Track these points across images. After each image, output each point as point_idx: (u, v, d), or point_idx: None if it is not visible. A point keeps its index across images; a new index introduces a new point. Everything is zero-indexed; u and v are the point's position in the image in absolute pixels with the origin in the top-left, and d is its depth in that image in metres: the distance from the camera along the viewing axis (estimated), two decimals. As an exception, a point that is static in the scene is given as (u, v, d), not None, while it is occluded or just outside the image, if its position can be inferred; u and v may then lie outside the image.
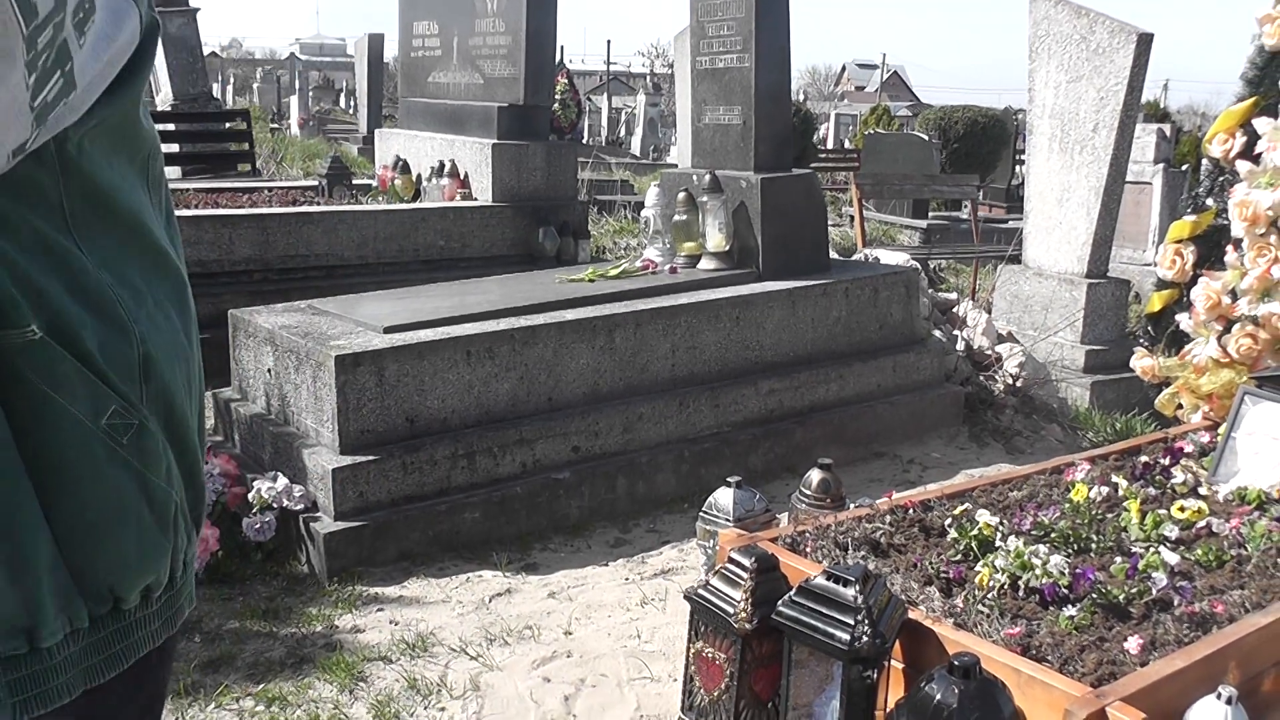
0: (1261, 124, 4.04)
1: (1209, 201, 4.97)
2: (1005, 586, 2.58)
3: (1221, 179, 4.85)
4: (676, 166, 11.33)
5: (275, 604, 3.91)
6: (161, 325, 1.20)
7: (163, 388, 1.20)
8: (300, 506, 4.21)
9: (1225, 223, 4.33)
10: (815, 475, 3.36)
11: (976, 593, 2.54)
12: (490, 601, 3.91)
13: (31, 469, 1.09)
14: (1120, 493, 3.26)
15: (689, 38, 6.04)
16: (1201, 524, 3.03)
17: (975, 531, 2.82)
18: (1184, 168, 11.88)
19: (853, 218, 11.43)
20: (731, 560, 2.55)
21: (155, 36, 1.16)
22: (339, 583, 4.01)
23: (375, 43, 18.81)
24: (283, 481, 4.24)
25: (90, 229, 1.13)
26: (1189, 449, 3.70)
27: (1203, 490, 3.36)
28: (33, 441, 1.09)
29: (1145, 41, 6.83)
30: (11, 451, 1.07)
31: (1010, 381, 6.24)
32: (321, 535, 4.08)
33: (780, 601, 2.37)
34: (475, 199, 7.49)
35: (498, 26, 7.62)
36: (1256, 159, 4.07)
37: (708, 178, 5.48)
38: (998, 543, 2.78)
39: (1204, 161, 4.80)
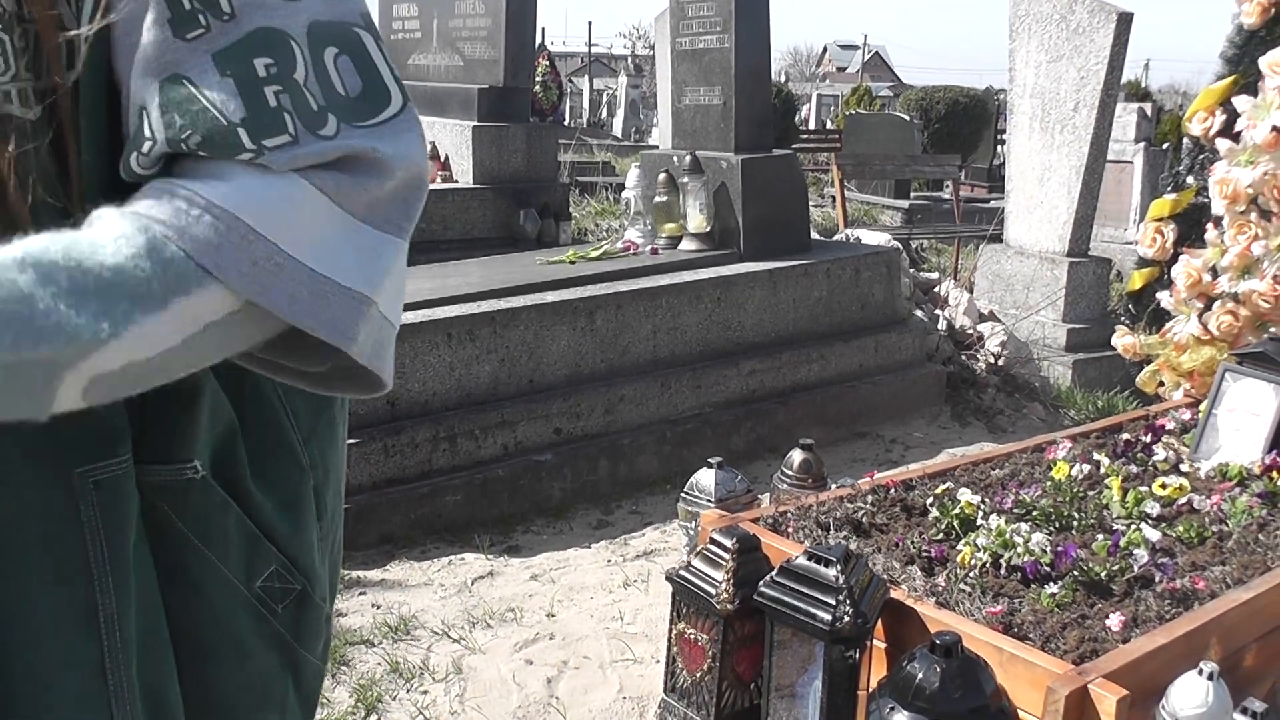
0: (1241, 102, 4.04)
1: (1189, 180, 4.98)
2: (987, 565, 2.58)
3: (1202, 157, 4.86)
4: (658, 148, 11.31)
5: (255, 588, 3.89)
6: (338, 451, 1.04)
7: (337, 540, 1.02)
8: (281, 490, 4.19)
9: (1205, 200, 4.35)
10: (797, 455, 3.35)
11: (958, 571, 2.55)
12: (472, 584, 3.90)
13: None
14: (1102, 470, 3.27)
15: (669, 19, 6.02)
16: (1183, 501, 3.04)
17: (957, 510, 2.82)
18: (1165, 146, 11.89)
19: (834, 198, 11.42)
20: (713, 541, 2.55)
21: None
22: (321, 566, 3.99)
23: (355, 24, 18.72)
24: (263, 465, 4.21)
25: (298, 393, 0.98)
26: (1170, 426, 3.72)
27: (1184, 467, 3.37)
28: (168, 601, 0.90)
29: (1125, 21, 6.82)
30: (160, 614, 0.89)
31: (992, 360, 6.25)
32: (303, 519, 4.06)
33: (762, 582, 2.37)
34: (456, 181, 7.46)
35: (477, 8, 7.59)
36: (1236, 137, 4.07)
37: (688, 159, 5.47)
38: (979, 521, 2.79)
39: (1184, 140, 4.81)
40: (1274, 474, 3.18)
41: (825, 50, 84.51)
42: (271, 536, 0.92)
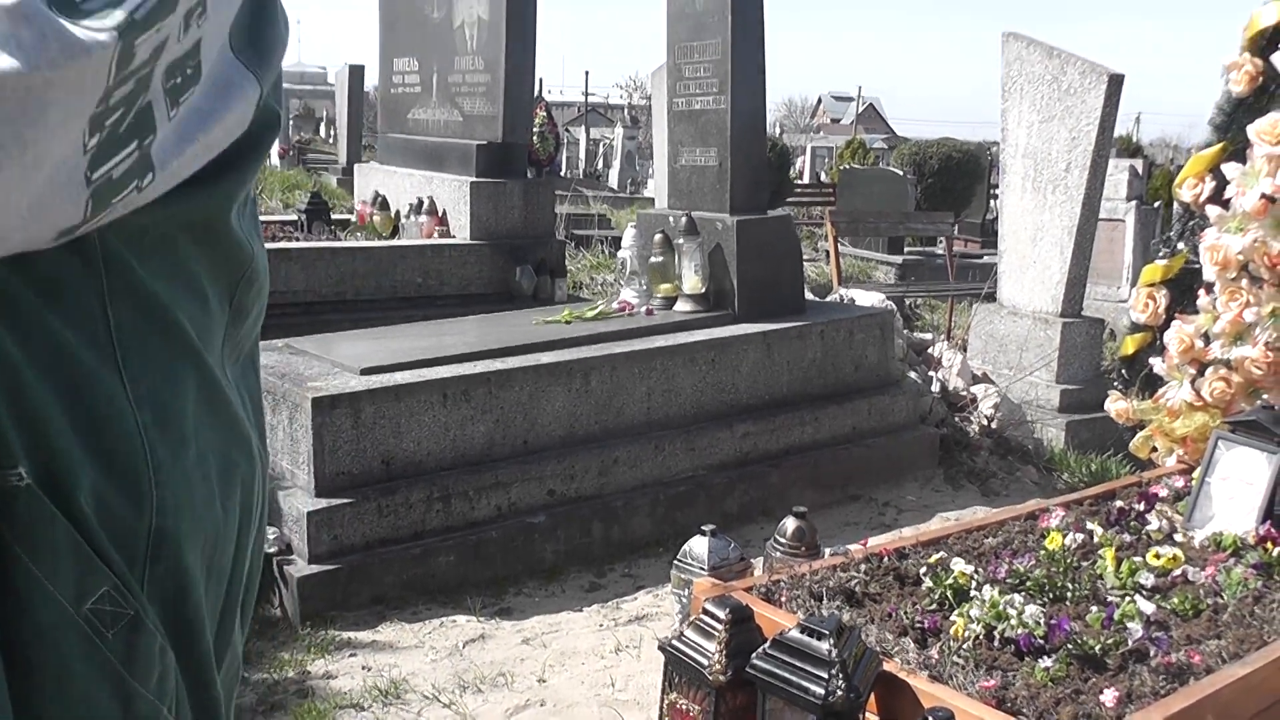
0: (1230, 169, 4.07)
1: (1180, 245, 5.00)
2: (980, 637, 2.57)
3: (1192, 223, 4.88)
4: (653, 200, 11.37)
5: (247, 649, 3.83)
6: (196, 490, 0.91)
7: (176, 572, 0.90)
8: (274, 549, 4.18)
9: (1197, 266, 4.35)
10: (790, 523, 3.35)
11: (951, 643, 2.54)
12: (464, 647, 3.89)
13: None
14: (1095, 539, 3.26)
15: (665, 78, 6.06)
16: (1177, 571, 3.03)
17: (950, 580, 2.81)
18: (1156, 204, 11.97)
19: (828, 253, 11.47)
20: (706, 611, 2.54)
21: (272, 129, 0.92)
22: (312, 627, 3.99)
23: (355, 74, 18.80)
24: (256, 525, 4.21)
25: (138, 350, 0.86)
26: (1164, 493, 3.71)
27: (1178, 536, 3.36)
28: None
29: (1116, 82, 6.88)
30: None
31: (985, 423, 6.26)
32: (295, 579, 4.05)
33: (754, 654, 2.36)
34: (453, 236, 7.49)
35: (477, 64, 7.64)
36: (1226, 203, 4.09)
37: (684, 220, 5.49)
38: (973, 592, 2.78)
39: (1175, 205, 4.84)
40: (1269, 545, 3.18)
41: (820, 101, 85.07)
42: (104, 555, 0.83)
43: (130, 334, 0.85)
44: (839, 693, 2.20)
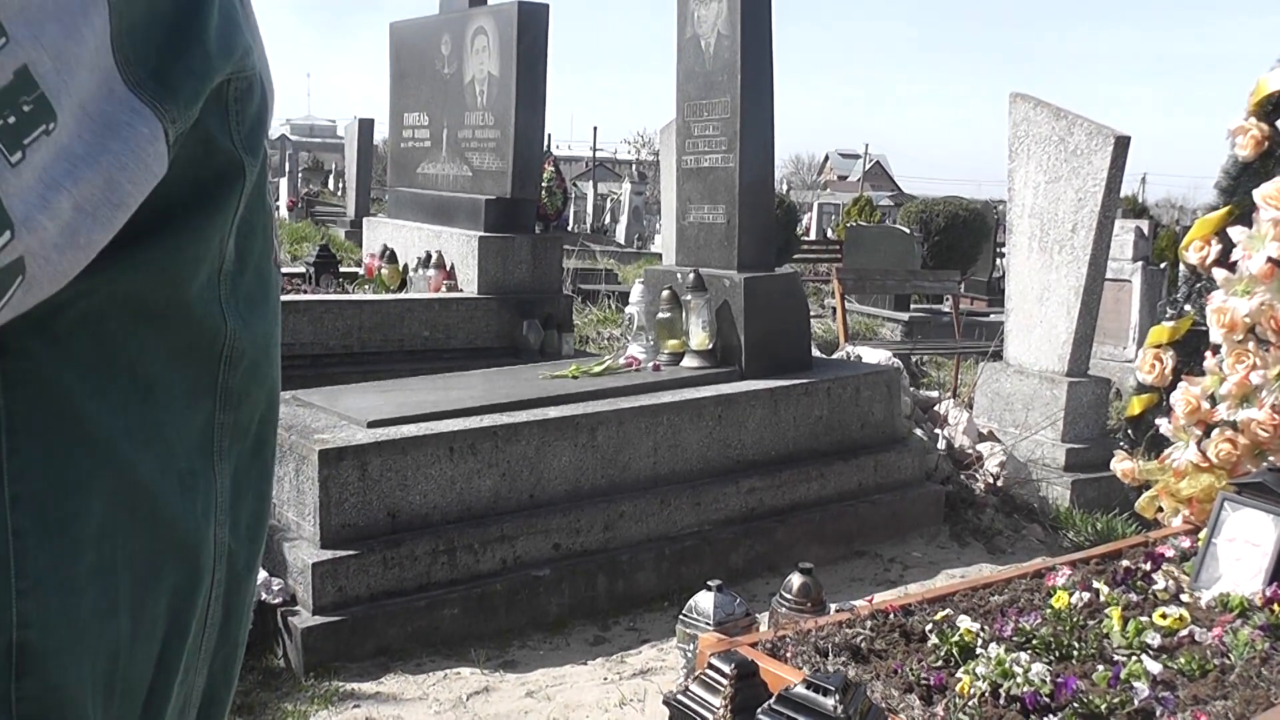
0: (1236, 232, 4.10)
1: (1187, 307, 5.02)
2: (986, 694, 2.57)
3: (1199, 285, 4.90)
4: (660, 256, 11.42)
5: (250, 699, 3.87)
6: (84, 600, 0.77)
7: (48, 690, 0.76)
8: (279, 600, 4.18)
9: (1204, 328, 4.38)
10: (796, 579, 3.36)
11: (957, 700, 2.54)
12: (468, 700, 3.88)
13: None
14: (1102, 598, 3.26)
15: (674, 135, 6.11)
16: (1184, 632, 3.03)
17: (956, 638, 2.82)
18: (1163, 265, 11.99)
19: (835, 309, 11.49)
20: (711, 666, 2.54)
21: (231, 180, 0.79)
22: (316, 678, 3.98)
23: (365, 128, 18.96)
24: (262, 575, 4.21)
25: (32, 445, 0.72)
26: (1170, 554, 3.72)
27: (1184, 597, 3.36)
28: None
29: (1123, 144, 6.93)
30: None
31: (991, 480, 6.25)
32: (300, 629, 4.05)
33: (760, 709, 2.36)
34: (461, 290, 7.52)
35: (487, 120, 7.70)
36: (1232, 266, 4.12)
37: (692, 276, 5.52)
38: (979, 649, 2.78)
39: (1181, 267, 4.86)
40: (1275, 606, 3.17)
41: (827, 159, 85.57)
42: None
43: (24, 427, 0.72)
44: (844, 749, 2.20)
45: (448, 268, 7.60)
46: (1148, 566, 3.59)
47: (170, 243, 0.75)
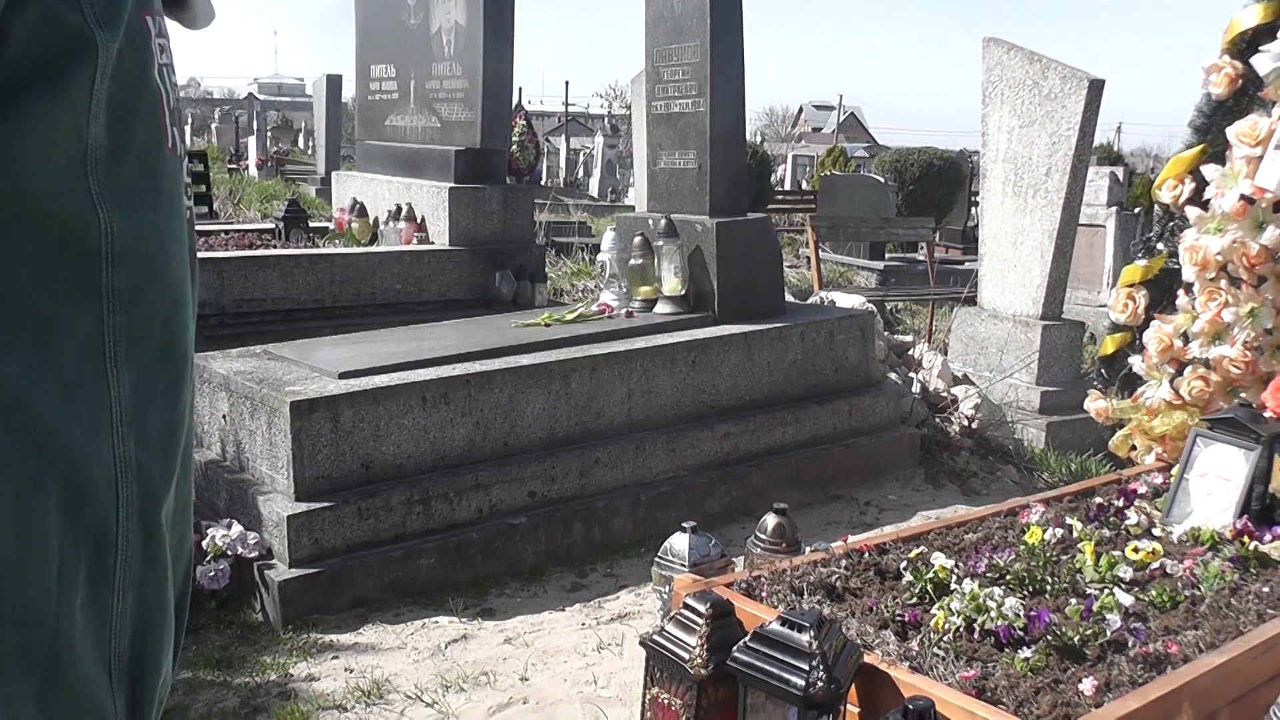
0: (1209, 170, 4.10)
1: (1160, 246, 5.03)
2: (961, 629, 2.58)
3: (1171, 224, 4.91)
4: (634, 208, 11.38)
5: (229, 653, 3.87)
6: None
7: None
8: (255, 554, 4.17)
9: (1176, 267, 4.39)
10: (770, 520, 3.35)
11: (932, 636, 2.54)
12: (446, 648, 3.88)
13: None
14: (1075, 534, 3.27)
15: (644, 82, 6.07)
16: (1155, 565, 3.04)
17: (931, 575, 2.82)
18: (1137, 210, 12.02)
19: (809, 259, 11.49)
20: (686, 606, 2.54)
21: (77, 55, 0.73)
22: (294, 630, 3.98)
23: (333, 83, 18.80)
24: (237, 529, 4.20)
25: None
26: (1142, 490, 3.73)
27: (1156, 531, 3.37)
28: None
29: (1096, 87, 6.92)
30: None
31: (966, 423, 6.27)
32: (276, 583, 4.04)
33: (735, 647, 2.36)
34: (432, 242, 7.48)
35: (455, 70, 7.64)
36: (1205, 205, 4.12)
37: (663, 222, 5.50)
38: (953, 585, 2.79)
39: (1155, 207, 4.87)
40: (1245, 539, 3.19)
41: (801, 111, 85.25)
42: None
43: None
44: (820, 684, 2.20)
45: (418, 220, 7.55)
46: (1120, 503, 3.60)
47: (7, 126, 0.69)
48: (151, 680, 0.89)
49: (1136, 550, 3.08)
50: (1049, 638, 2.53)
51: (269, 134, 28.36)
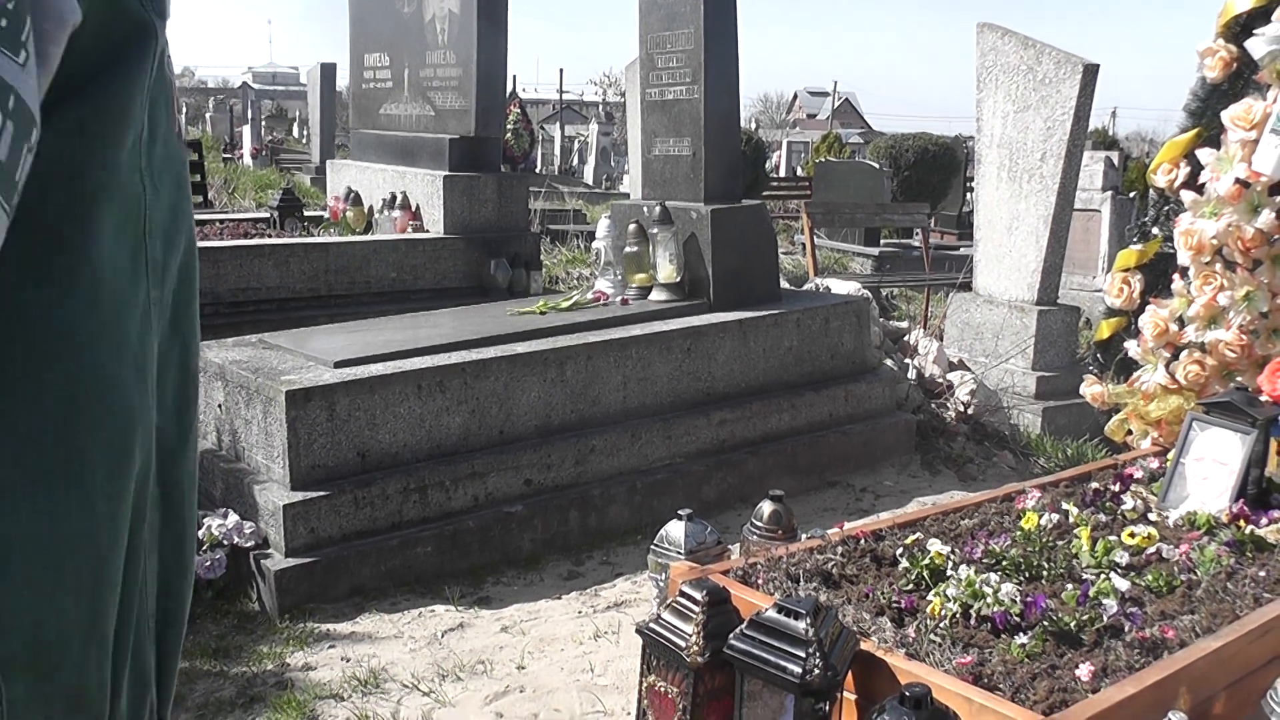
0: (1204, 154, 4.09)
1: (1155, 230, 5.02)
2: (957, 615, 2.58)
3: (1167, 208, 4.91)
4: (629, 196, 11.36)
5: (226, 642, 3.86)
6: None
7: None
8: (251, 543, 4.16)
9: (1171, 251, 4.38)
10: (766, 507, 3.35)
11: (928, 622, 2.54)
12: (443, 636, 3.88)
13: None
14: (1071, 520, 3.27)
15: (639, 69, 6.06)
16: (1151, 550, 3.05)
17: (927, 561, 2.82)
18: (1132, 195, 12.01)
19: (804, 245, 11.47)
20: (683, 594, 2.54)
21: (142, 42, 0.77)
22: (290, 620, 3.97)
23: (328, 72, 18.75)
24: (233, 518, 4.19)
25: None
26: (1138, 475, 3.73)
27: (1152, 516, 3.38)
28: None
29: (1091, 72, 6.91)
30: None
31: (962, 409, 6.27)
32: (273, 572, 4.04)
33: (732, 635, 2.36)
34: (427, 231, 7.47)
35: (449, 58, 7.62)
36: (1200, 189, 4.12)
37: (658, 209, 5.49)
38: (949, 572, 2.79)
39: (1150, 191, 4.86)
40: (1241, 523, 3.20)
41: (795, 97, 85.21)
42: None
43: None
44: (816, 671, 2.20)
45: (413, 208, 7.54)
46: (1116, 488, 3.60)
47: (91, 105, 0.73)
48: (175, 638, 0.93)
49: (1133, 535, 3.08)
50: (1045, 623, 2.53)
51: (263, 123, 28.24)
